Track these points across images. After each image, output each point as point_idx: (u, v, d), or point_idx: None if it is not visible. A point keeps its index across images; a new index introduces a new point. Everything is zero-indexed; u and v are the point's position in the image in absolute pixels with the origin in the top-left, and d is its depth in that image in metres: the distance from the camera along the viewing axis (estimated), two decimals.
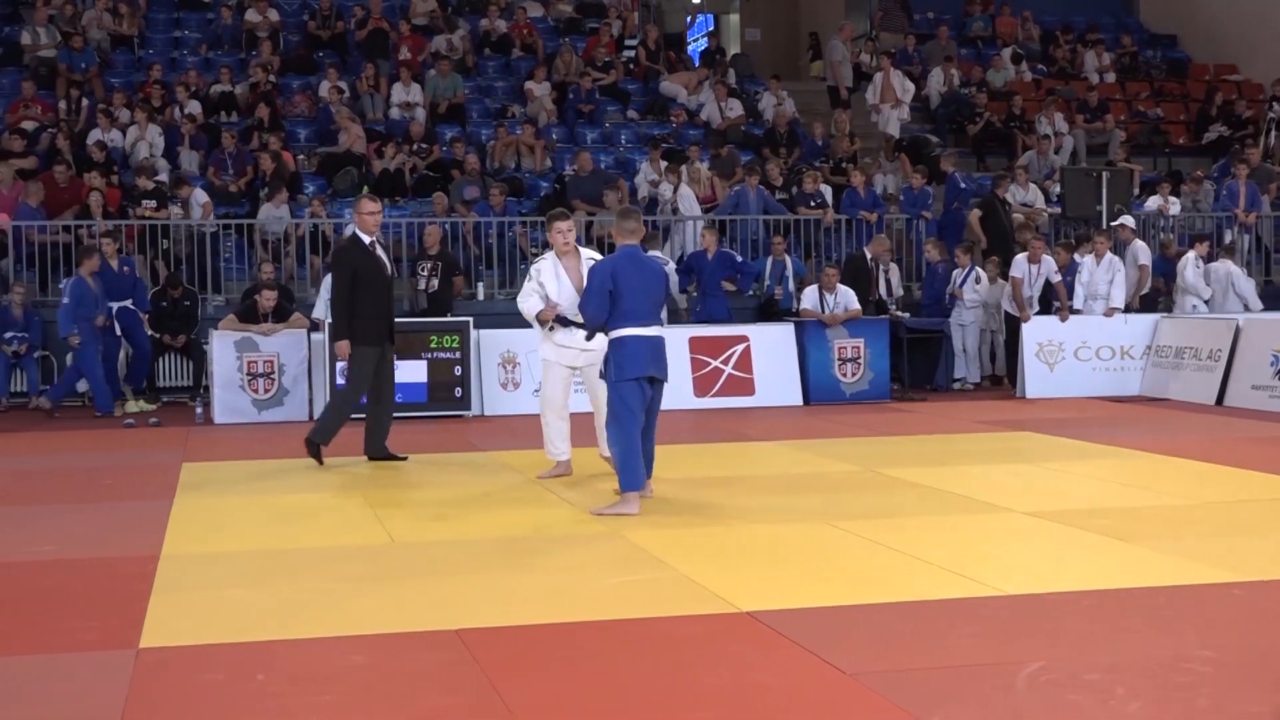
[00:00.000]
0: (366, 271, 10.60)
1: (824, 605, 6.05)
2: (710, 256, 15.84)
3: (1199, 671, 5.02)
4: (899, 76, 21.29)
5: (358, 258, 10.65)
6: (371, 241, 10.71)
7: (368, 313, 10.54)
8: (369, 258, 10.65)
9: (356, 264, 10.62)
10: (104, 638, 5.72)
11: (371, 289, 10.61)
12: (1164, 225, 18.78)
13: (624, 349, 8.37)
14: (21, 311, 15.01)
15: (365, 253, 10.66)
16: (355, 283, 10.55)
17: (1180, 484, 9.27)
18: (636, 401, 8.36)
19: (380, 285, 10.69)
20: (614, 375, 8.35)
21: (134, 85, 19.83)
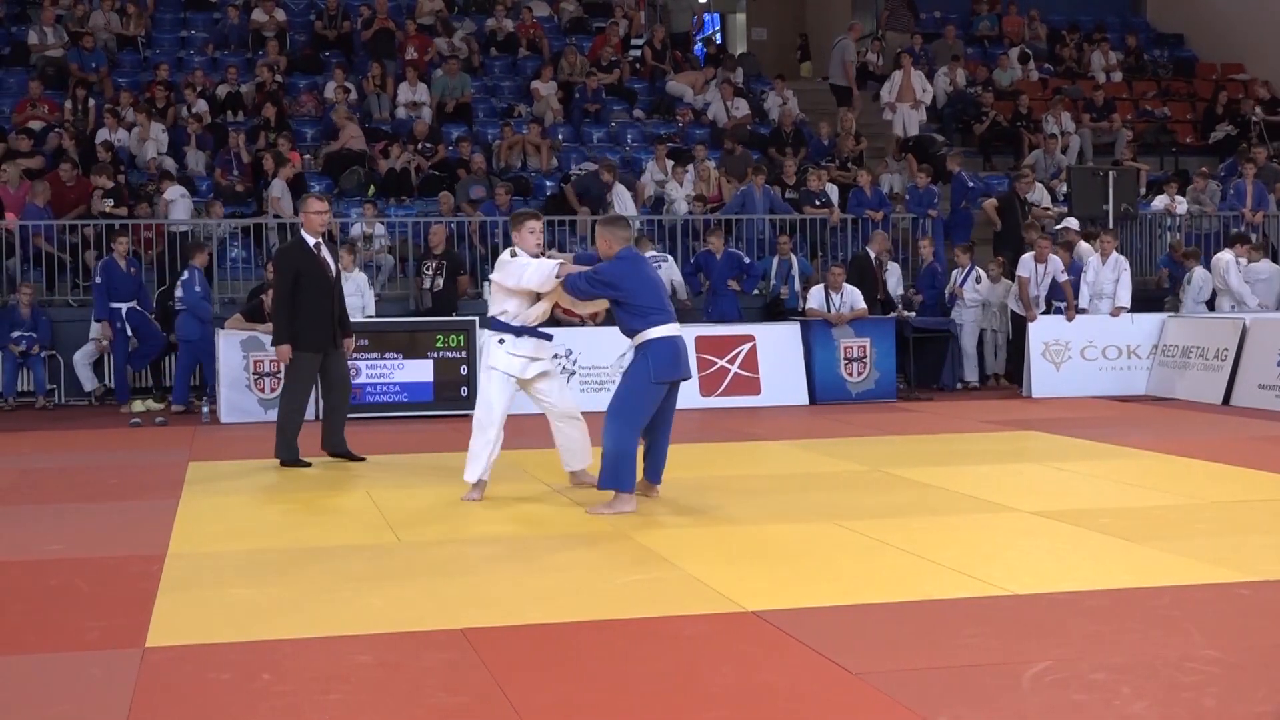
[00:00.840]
0: (309, 274, 10.40)
1: (830, 605, 6.04)
2: (718, 257, 15.84)
3: (1205, 671, 5.02)
4: (919, 76, 21.22)
5: (300, 259, 10.45)
6: (316, 243, 10.51)
7: (310, 316, 10.37)
8: (312, 259, 10.45)
9: (299, 266, 10.42)
10: (110, 637, 5.72)
11: (314, 291, 10.40)
12: (1171, 225, 18.76)
13: (662, 350, 8.24)
14: (29, 311, 15.05)
15: (309, 254, 10.46)
16: (297, 285, 10.37)
17: (1187, 484, 9.26)
18: (654, 404, 8.30)
19: (323, 288, 10.46)
20: (653, 375, 8.21)
21: (141, 85, 19.85)
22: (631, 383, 8.30)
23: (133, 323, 14.72)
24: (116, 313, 14.60)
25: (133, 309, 14.71)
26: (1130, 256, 17.09)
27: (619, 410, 8.27)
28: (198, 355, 14.61)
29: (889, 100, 21.17)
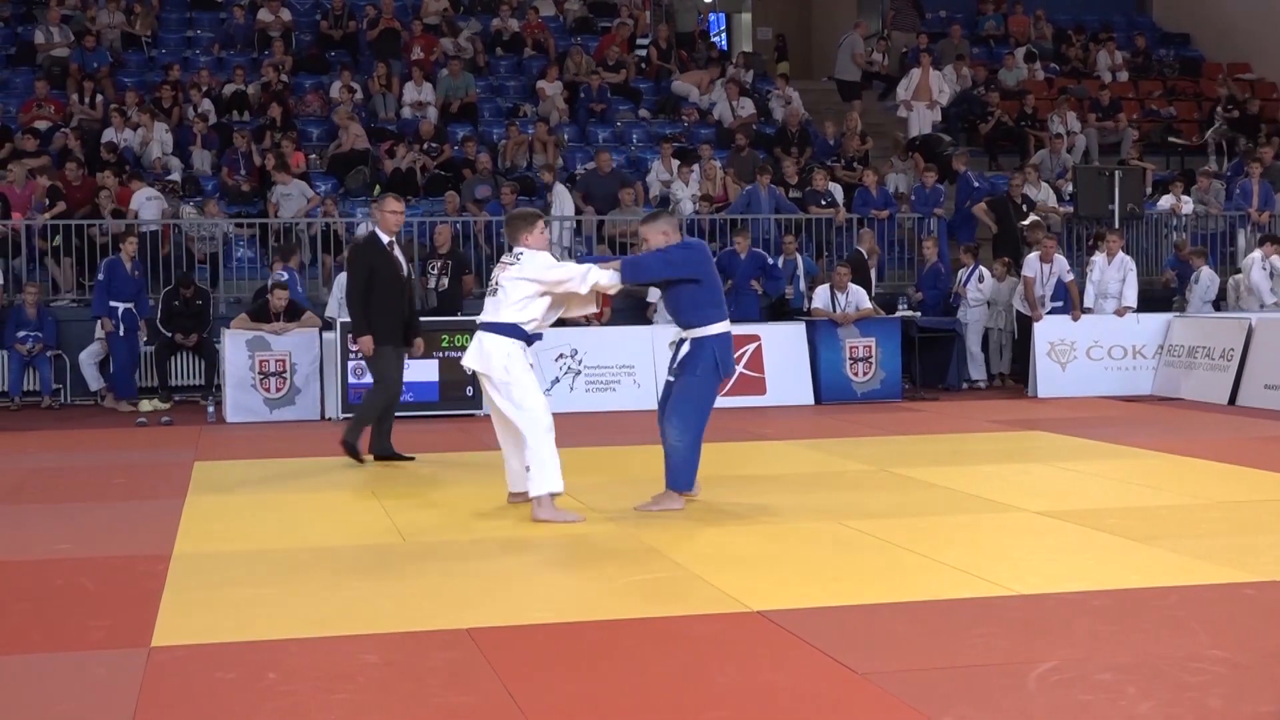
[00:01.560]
0: (383, 271, 10.46)
1: (836, 605, 6.04)
2: (743, 256, 15.81)
3: (1211, 671, 5.01)
4: (936, 75, 21.18)
5: (375, 257, 10.52)
6: (390, 241, 10.57)
7: (383, 314, 10.40)
8: (386, 257, 10.51)
9: (373, 263, 10.48)
10: (116, 636, 5.73)
11: (387, 289, 10.45)
12: (1176, 225, 18.75)
13: (726, 344, 8.19)
14: (35, 311, 15.07)
15: (383, 252, 10.52)
16: (371, 282, 10.42)
17: (1193, 484, 9.25)
18: (715, 399, 8.27)
19: (396, 286, 10.54)
20: (723, 370, 8.16)
21: (147, 85, 19.88)
22: (702, 379, 8.12)
23: (127, 324, 14.66)
24: (114, 311, 14.58)
25: (128, 310, 14.68)
26: (1136, 256, 17.07)
27: (693, 408, 8.12)
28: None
29: (905, 98, 21.13)
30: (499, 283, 8.13)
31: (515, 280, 8.02)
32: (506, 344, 8.01)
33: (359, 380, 13.65)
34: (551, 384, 14.12)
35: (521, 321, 8.02)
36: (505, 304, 8.04)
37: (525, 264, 8.04)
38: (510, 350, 8.00)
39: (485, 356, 8.04)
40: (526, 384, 8.01)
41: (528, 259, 8.05)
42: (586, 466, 9.80)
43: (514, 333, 8.02)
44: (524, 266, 8.03)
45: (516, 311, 8.02)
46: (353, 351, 13.62)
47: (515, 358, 8.00)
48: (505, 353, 7.99)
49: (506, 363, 7.99)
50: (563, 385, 14.16)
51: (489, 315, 8.15)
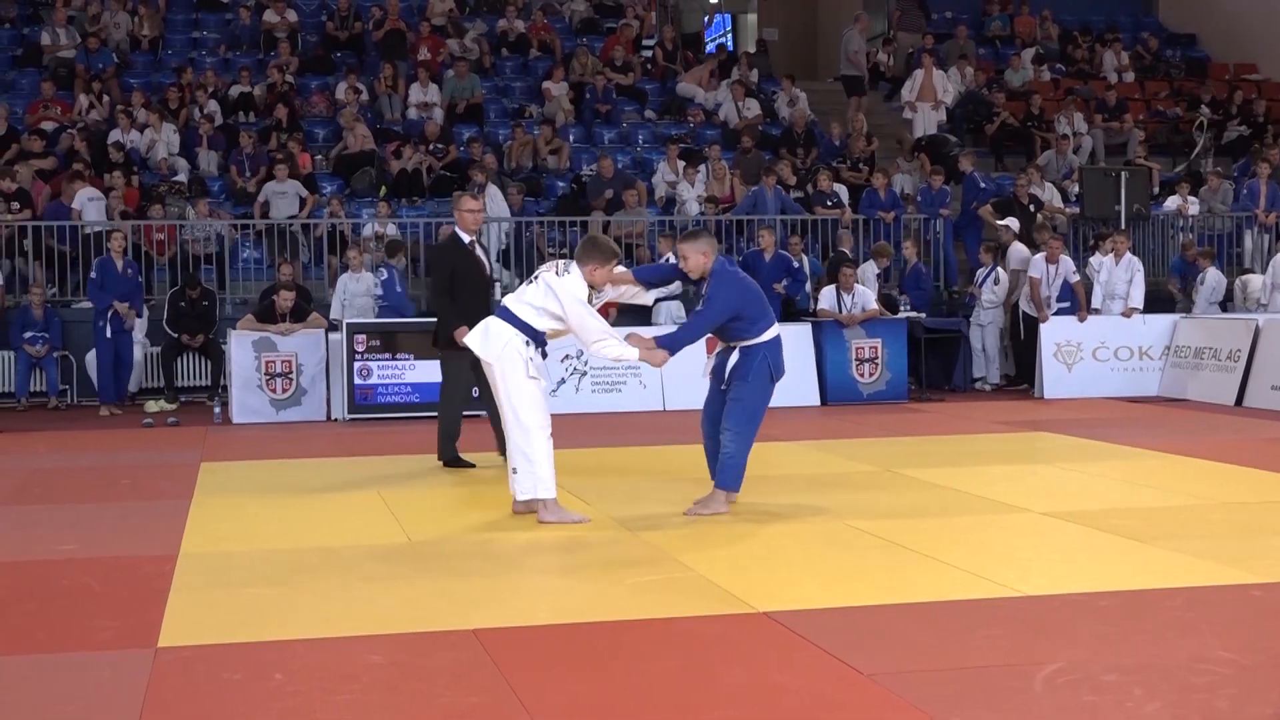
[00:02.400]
0: (464, 271, 10.23)
1: (841, 606, 6.04)
2: (768, 258, 15.78)
3: (1217, 673, 5.01)
4: (940, 75, 21.15)
5: (455, 256, 10.33)
6: (471, 241, 10.38)
7: (464, 314, 9.87)
8: (468, 257, 10.31)
9: (454, 263, 10.28)
10: (122, 637, 5.73)
11: (468, 289, 10.17)
12: (1183, 225, 18.73)
13: (777, 349, 8.16)
14: (42, 312, 15.08)
15: (463, 252, 10.33)
16: (452, 282, 10.19)
17: (1199, 485, 9.24)
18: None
19: (478, 286, 10.28)
20: (776, 374, 8.15)
21: (153, 86, 19.91)
22: (757, 386, 8.07)
23: (114, 325, 14.52)
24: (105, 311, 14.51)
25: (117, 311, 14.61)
26: (1142, 257, 17.04)
27: (749, 415, 8.09)
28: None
29: (909, 99, 21.11)
30: (540, 278, 7.92)
31: (548, 289, 7.82)
32: (509, 333, 7.85)
33: (364, 381, 13.67)
34: (558, 385, 14.12)
35: (533, 324, 7.87)
36: (527, 301, 7.88)
37: (563, 286, 7.78)
38: (510, 340, 7.84)
39: (486, 341, 7.93)
40: (519, 380, 7.82)
41: (567, 284, 7.78)
42: (592, 467, 9.79)
43: (522, 328, 7.86)
44: (561, 286, 7.78)
45: (533, 315, 7.86)
46: (358, 353, 13.65)
47: (513, 348, 7.82)
48: (504, 341, 7.84)
49: (503, 351, 7.83)
50: (568, 386, 14.16)
51: (511, 302, 7.97)
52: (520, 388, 7.82)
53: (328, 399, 13.97)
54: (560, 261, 8.06)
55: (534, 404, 7.84)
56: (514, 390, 7.83)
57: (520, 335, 7.84)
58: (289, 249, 16.54)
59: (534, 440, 7.81)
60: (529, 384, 7.83)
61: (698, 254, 8.04)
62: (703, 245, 8.08)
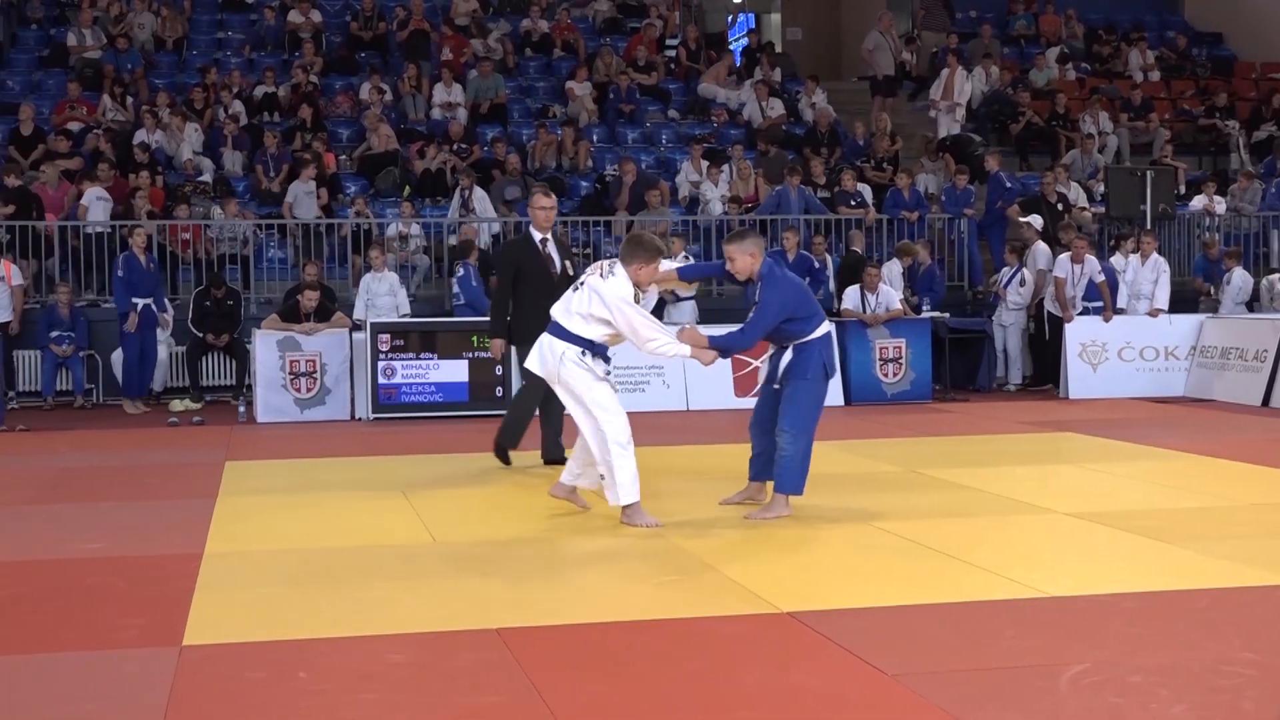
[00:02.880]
0: (530, 270, 9.95)
1: (866, 606, 6.03)
2: (791, 258, 15.75)
3: (1243, 674, 4.98)
4: (961, 75, 21.02)
5: (523, 255, 10.10)
6: (543, 238, 10.07)
7: (530, 314, 9.63)
8: (535, 255, 10.02)
9: (521, 261, 10.05)
10: (147, 635, 5.76)
11: (535, 288, 9.82)
12: (1209, 225, 18.64)
13: (829, 345, 8.07)
14: (68, 311, 15.15)
15: (532, 250, 10.06)
16: (518, 280, 9.97)
17: (1225, 486, 9.19)
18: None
19: (545, 285, 9.78)
20: (830, 372, 8.06)
21: (178, 86, 19.99)
22: (813, 385, 7.93)
23: (145, 320, 14.57)
24: (134, 307, 14.57)
25: (147, 306, 14.68)
26: (1168, 257, 16.97)
27: (805, 413, 7.92)
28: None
29: (935, 99, 20.97)
30: (586, 284, 7.73)
31: (593, 294, 7.63)
32: (560, 347, 7.68)
33: (389, 380, 13.70)
34: None
35: (585, 335, 7.68)
36: (575, 311, 7.69)
37: (607, 289, 7.59)
38: (565, 353, 7.66)
39: (542, 359, 7.79)
40: (585, 388, 7.63)
41: (612, 287, 7.59)
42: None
43: (574, 340, 7.67)
44: (606, 289, 7.60)
45: (582, 325, 7.67)
46: (382, 352, 13.67)
47: (570, 360, 7.64)
48: (558, 355, 7.67)
49: (560, 366, 7.66)
50: None
51: (559, 313, 7.79)
52: (591, 397, 7.64)
53: (352, 398, 14.00)
54: (605, 263, 7.86)
55: (610, 409, 7.65)
56: (586, 400, 7.66)
57: (574, 347, 7.65)
58: (313, 249, 16.60)
59: (610, 446, 7.63)
60: (598, 388, 7.65)
61: (744, 255, 7.88)
62: (749, 246, 7.90)
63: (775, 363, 8.04)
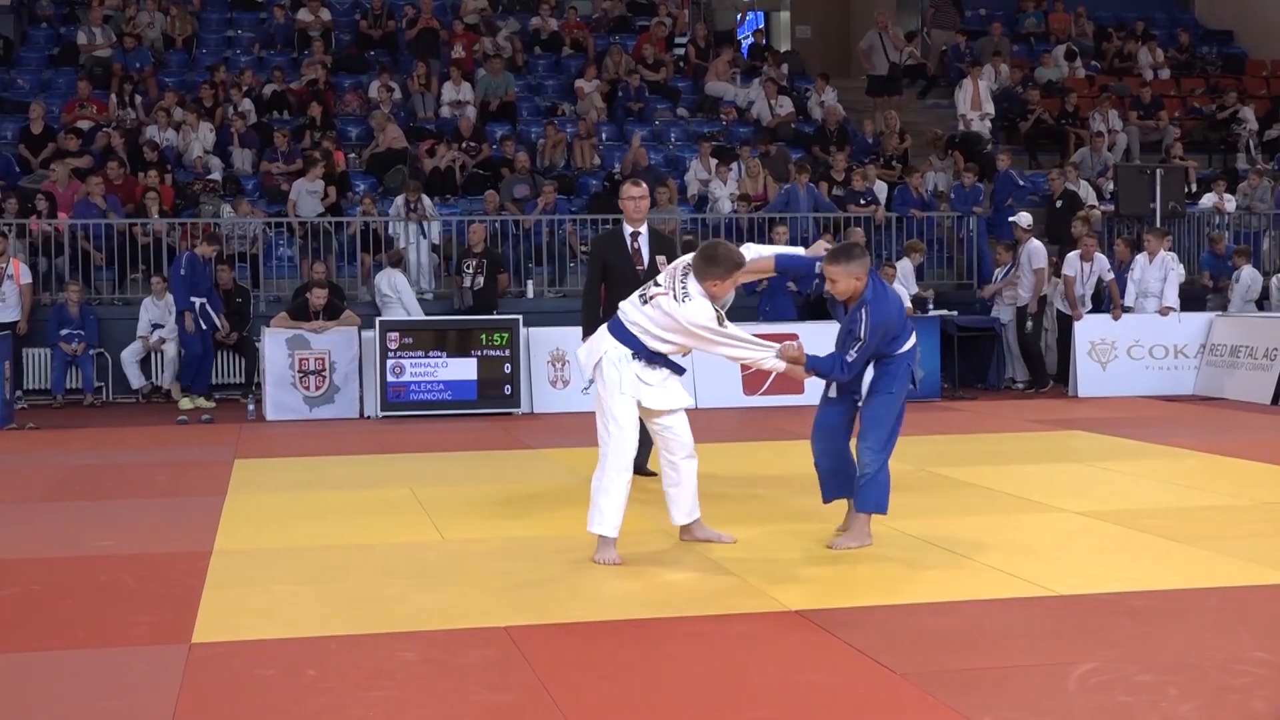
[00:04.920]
0: (617, 265, 9.27)
1: (874, 605, 6.03)
2: None
3: (1253, 673, 4.97)
4: (984, 85, 20.78)
5: (610, 250, 9.42)
6: (634, 232, 9.35)
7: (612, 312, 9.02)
8: (622, 250, 9.33)
9: (608, 256, 9.37)
10: (157, 632, 5.77)
11: (621, 285, 8.92)
12: (1220, 223, 18.61)
13: (915, 358, 7.59)
14: (77, 309, 15.18)
15: (619, 244, 9.38)
16: (606, 277, 9.30)
17: (1234, 484, 9.18)
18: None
19: (633, 283, 8.66)
20: (915, 382, 7.64)
21: (188, 85, 20.01)
22: (898, 398, 7.40)
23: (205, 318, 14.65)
24: (192, 305, 14.62)
25: (204, 305, 14.73)
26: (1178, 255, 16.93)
27: (892, 430, 7.39)
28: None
29: (963, 111, 20.70)
30: (658, 302, 6.91)
31: (667, 317, 6.86)
32: (608, 344, 7.01)
33: (398, 378, 13.71)
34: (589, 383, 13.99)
35: (648, 346, 6.96)
36: (643, 325, 6.94)
37: (686, 314, 6.80)
38: (607, 352, 6.99)
39: (590, 351, 7.14)
40: (606, 396, 6.98)
41: (692, 311, 6.81)
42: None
43: (631, 344, 6.96)
44: (684, 314, 6.81)
45: (649, 338, 6.94)
46: (391, 350, 13.68)
47: (609, 360, 6.96)
48: (601, 352, 7.02)
49: (601, 364, 7.01)
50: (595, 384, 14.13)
51: (626, 316, 7.02)
52: (609, 406, 6.98)
53: (361, 396, 14.02)
54: (677, 272, 6.97)
55: (623, 427, 6.94)
56: (600, 404, 7.06)
57: (622, 348, 6.96)
58: (321, 248, 16.62)
59: (606, 468, 6.95)
60: (621, 401, 6.94)
61: (850, 278, 7.15)
62: (856, 269, 7.14)
63: (858, 379, 7.46)
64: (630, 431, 6.97)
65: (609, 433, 6.96)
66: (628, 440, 6.96)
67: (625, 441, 6.95)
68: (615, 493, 6.92)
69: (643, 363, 6.96)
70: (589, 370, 7.15)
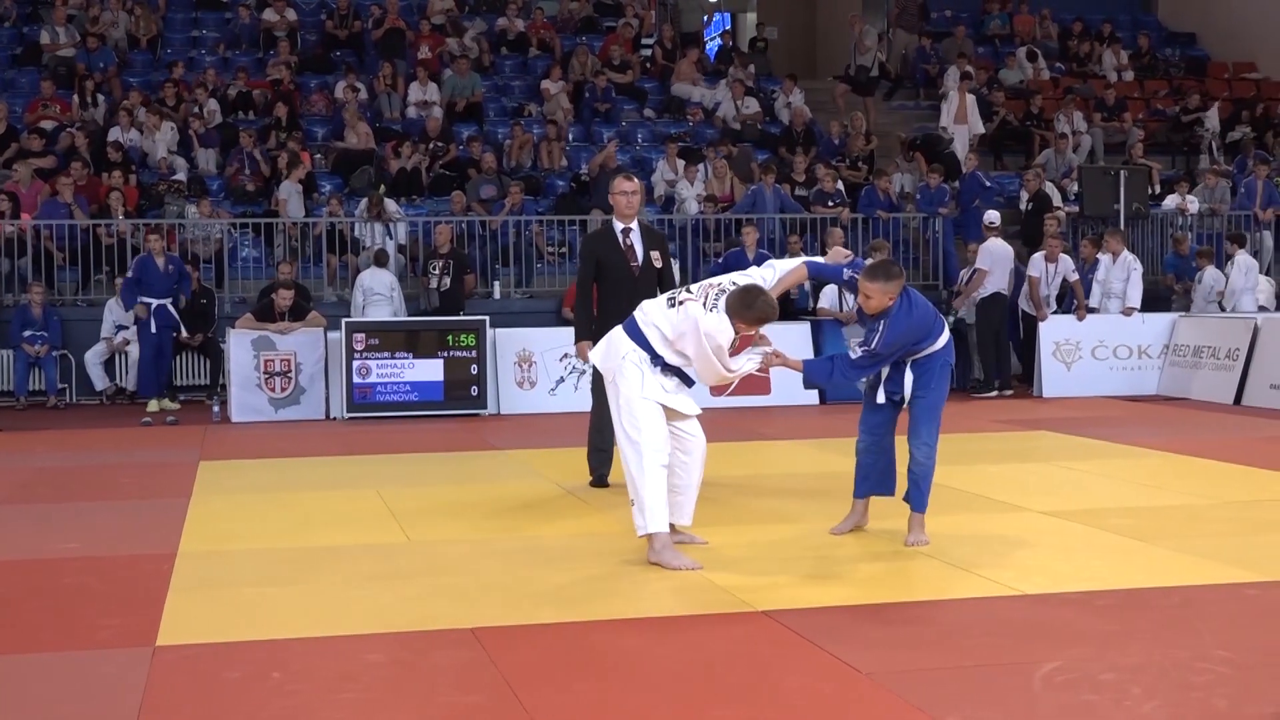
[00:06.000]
0: (610, 263, 9.03)
1: (841, 605, 6.04)
2: (750, 255, 15.77)
3: (1216, 672, 5.01)
4: (972, 100, 20.73)
5: (601, 247, 9.14)
6: (625, 229, 9.10)
7: (610, 311, 8.76)
8: (614, 247, 9.09)
9: (600, 254, 9.11)
10: (121, 635, 5.74)
11: (614, 284, 8.99)
12: (1183, 224, 18.73)
13: (952, 353, 7.48)
14: (40, 311, 15.09)
15: (612, 241, 9.11)
16: (599, 276, 9.07)
17: (1198, 483, 9.24)
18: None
19: (626, 280, 8.97)
20: (953, 373, 7.60)
21: (152, 85, 19.90)
22: (938, 390, 7.32)
23: (160, 321, 14.58)
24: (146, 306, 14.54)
25: (163, 306, 14.63)
26: (1142, 256, 17.04)
27: (937, 422, 7.35)
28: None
29: (946, 123, 20.63)
30: (685, 306, 6.86)
31: (687, 318, 6.80)
32: (628, 346, 6.92)
33: (364, 380, 13.67)
34: (556, 384, 14.14)
35: (656, 349, 6.90)
36: (660, 327, 6.89)
37: (708, 322, 6.76)
38: (629, 353, 6.91)
39: (606, 354, 7.04)
40: (633, 393, 6.84)
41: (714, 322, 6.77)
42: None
43: (645, 346, 6.90)
44: (706, 322, 6.76)
45: (660, 341, 6.90)
46: (357, 351, 13.64)
47: (632, 361, 6.88)
48: (623, 354, 6.92)
49: (622, 364, 6.91)
50: (568, 385, 14.16)
51: (643, 317, 6.97)
52: (632, 402, 6.86)
53: (326, 398, 13.97)
54: (712, 290, 6.94)
55: (648, 423, 6.83)
56: (624, 405, 6.88)
57: (640, 351, 6.90)
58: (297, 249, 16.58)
59: (644, 465, 6.79)
60: (644, 403, 6.84)
61: (884, 296, 7.03)
62: (892, 288, 7.02)
63: (898, 383, 7.35)
64: (659, 431, 6.87)
65: (638, 434, 6.82)
66: (659, 440, 6.85)
67: (656, 442, 6.83)
68: (656, 489, 6.80)
69: (659, 369, 6.90)
70: (609, 372, 7.02)
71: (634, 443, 6.83)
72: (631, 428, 6.84)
